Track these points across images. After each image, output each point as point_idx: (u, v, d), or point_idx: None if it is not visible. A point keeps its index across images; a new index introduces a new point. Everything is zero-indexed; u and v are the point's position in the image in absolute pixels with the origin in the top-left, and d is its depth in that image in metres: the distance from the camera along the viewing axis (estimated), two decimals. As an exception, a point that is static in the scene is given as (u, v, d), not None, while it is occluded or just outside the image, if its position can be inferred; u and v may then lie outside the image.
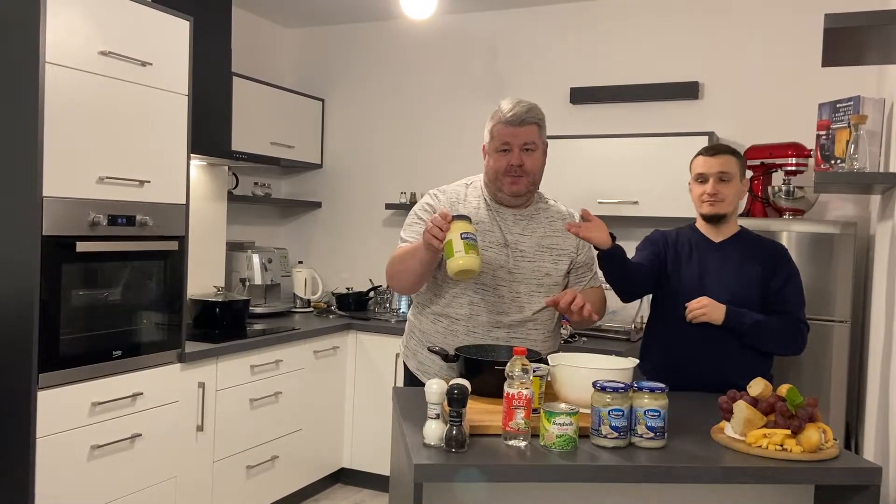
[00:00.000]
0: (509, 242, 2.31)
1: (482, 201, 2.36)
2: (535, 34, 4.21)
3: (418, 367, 2.40)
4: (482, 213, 2.33)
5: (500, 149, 2.26)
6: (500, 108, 2.30)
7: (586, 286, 2.41)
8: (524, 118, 2.25)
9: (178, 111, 2.96)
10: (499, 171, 2.27)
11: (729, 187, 2.34)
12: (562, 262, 2.36)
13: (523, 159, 2.25)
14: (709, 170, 2.34)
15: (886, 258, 2.51)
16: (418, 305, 2.45)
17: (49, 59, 2.44)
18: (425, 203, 2.40)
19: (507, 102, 2.30)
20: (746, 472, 1.62)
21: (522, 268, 2.30)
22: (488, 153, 2.32)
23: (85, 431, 2.61)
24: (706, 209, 2.37)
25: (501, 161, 2.26)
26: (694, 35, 3.85)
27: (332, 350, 3.95)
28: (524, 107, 2.27)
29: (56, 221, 2.49)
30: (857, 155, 2.23)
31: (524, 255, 2.31)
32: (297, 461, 3.75)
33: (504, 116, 2.26)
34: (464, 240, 1.94)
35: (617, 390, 1.68)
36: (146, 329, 2.86)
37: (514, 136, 2.25)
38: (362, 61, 4.67)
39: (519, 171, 2.26)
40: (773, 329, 2.28)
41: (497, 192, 2.32)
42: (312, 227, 4.83)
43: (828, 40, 1.84)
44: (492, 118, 2.32)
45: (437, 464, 1.57)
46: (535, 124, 2.28)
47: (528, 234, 2.33)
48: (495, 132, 2.28)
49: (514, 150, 2.25)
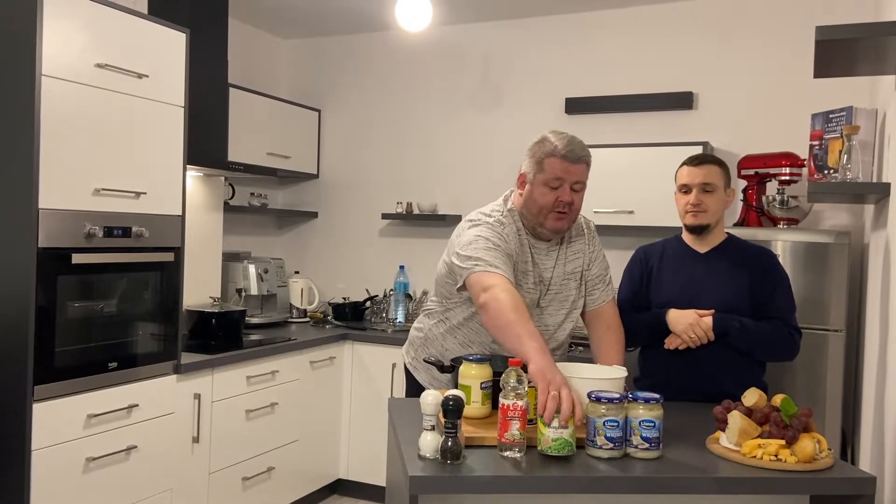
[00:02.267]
0: (543, 279, 2.27)
1: (517, 232, 2.26)
2: (530, 45, 4.23)
3: (431, 383, 2.37)
4: (520, 247, 2.25)
5: (551, 184, 2.17)
6: (549, 140, 2.20)
7: (596, 302, 2.36)
8: (580, 156, 2.18)
9: (174, 123, 2.96)
10: (545, 206, 2.18)
11: (712, 198, 2.34)
12: (580, 285, 2.35)
13: (573, 197, 2.19)
14: (692, 180, 2.35)
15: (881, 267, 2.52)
16: (443, 322, 2.38)
17: (45, 71, 2.44)
18: (493, 231, 2.19)
19: (559, 137, 2.19)
20: (741, 483, 1.62)
21: (551, 301, 2.29)
22: (533, 185, 2.20)
23: (80, 444, 2.60)
24: (689, 220, 2.37)
25: (550, 196, 2.17)
26: (688, 46, 3.87)
27: (329, 360, 3.95)
28: (579, 144, 2.19)
29: (52, 233, 2.49)
30: (849, 165, 2.24)
31: (552, 290, 2.29)
32: (294, 472, 3.74)
33: (560, 151, 2.16)
34: (483, 390, 1.90)
35: (612, 401, 1.68)
36: (142, 340, 2.86)
37: (568, 173, 2.17)
38: (358, 72, 4.69)
39: (567, 209, 2.19)
40: (762, 333, 2.28)
41: (537, 227, 2.23)
42: (309, 238, 4.83)
43: (820, 52, 1.85)
44: (541, 149, 2.20)
45: (433, 475, 1.56)
46: (587, 164, 2.21)
47: (556, 264, 2.30)
48: (548, 166, 2.17)
49: (565, 187, 2.17)
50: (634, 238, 3.40)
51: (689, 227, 2.40)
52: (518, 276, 2.20)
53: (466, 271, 2.10)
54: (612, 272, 2.46)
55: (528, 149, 2.26)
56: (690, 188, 2.35)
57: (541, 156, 2.19)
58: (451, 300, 2.34)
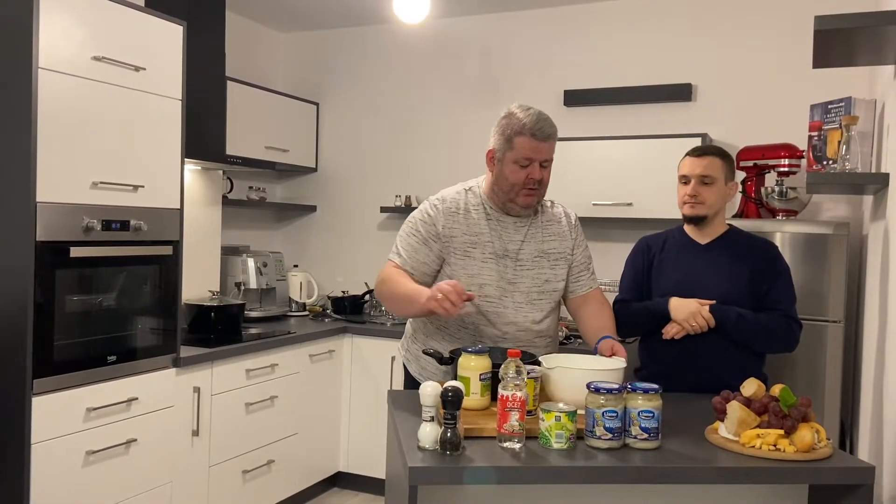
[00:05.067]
0: (509, 252, 2.28)
1: (482, 210, 2.31)
2: (528, 37, 4.22)
3: (420, 372, 2.39)
4: (482, 223, 2.29)
5: (521, 163, 2.18)
6: (516, 116, 2.18)
7: (584, 288, 2.39)
8: (549, 133, 2.18)
9: (171, 116, 2.96)
10: (517, 183, 2.20)
11: (710, 190, 2.34)
12: (559, 267, 2.34)
13: (542, 174, 2.22)
14: (691, 171, 2.35)
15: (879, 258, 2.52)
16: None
17: (42, 64, 2.44)
18: (425, 213, 2.31)
19: (527, 114, 2.18)
20: (740, 473, 1.62)
21: (522, 276, 2.29)
22: (503, 163, 2.21)
23: (80, 437, 2.60)
24: (686, 210, 2.38)
25: (520, 174, 2.19)
26: (687, 37, 3.86)
27: (328, 354, 3.95)
28: (547, 121, 2.19)
29: (50, 227, 2.49)
30: (848, 156, 2.24)
31: (523, 264, 2.29)
32: (294, 465, 3.75)
33: (529, 129, 2.16)
34: (482, 381, 1.92)
35: (611, 392, 1.68)
36: (141, 334, 2.86)
37: (538, 152, 2.18)
38: (356, 65, 4.68)
39: (537, 186, 2.22)
40: (760, 323, 2.28)
41: (507, 203, 2.25)
42: (307, 231, 4.83)
43: (818, 42, 1.85)
44: (509, 126, 2.19)
45: (432, 466, 1.57)
46: (555, 140, 2.23)
47: (528, 241, 2.31)
48: (518, 144, 2.17)
49: (535, 165, 2.18)
50: (633, 230, 3.39)
51: (686, 218, 2.41)
52: (466, 246, 2.25)
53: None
54: (611, 264, 2.46)
55: (497, 123, 2.25)
56: (689, 179, 2.35)
57: (510, 133, 2.19)
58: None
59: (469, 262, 2.25)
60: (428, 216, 2.31)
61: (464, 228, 2.28)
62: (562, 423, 1.65)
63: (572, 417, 1.66)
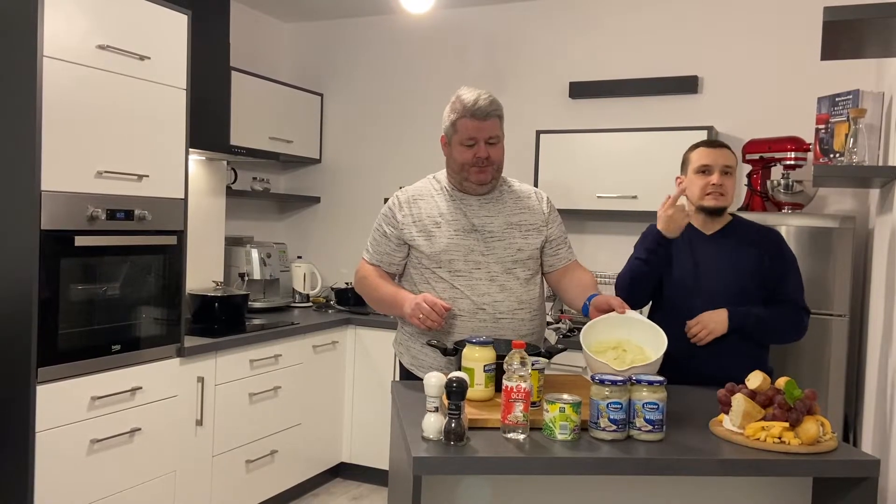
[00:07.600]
0: (477, 226, 2.33)
1: (444, 193, 2.38)
2: (534, 28, 4.20)
3: (412, 363, 2.40)
4: (443, 204, 2.35)
5: (466, 143, 2.27)
6: (461, 98, 2.28)
7: (563, 261, 2.43)
8: (489, 112, 2.26)
9: (176, 105, 2.95)
10: (466, 162, 2.29)
11: (731, 180, 2.36)
12: (532, 237, 2.37)
13: (489, 151, 2.28)
14: (714, 161, 2.34)
15: (885, 252, 2.51)
16: None
17: (47, 52, 2.43)
18: (386, 208, 2.42)
19: (469, 93, 2.28)
20: (745, 465, 1.62)
21: (494, 247, 2.32)
22: (451, 145, 2.32)
23: (84, 426, 2.61)
24: (709, 201, 2.34)
25: (467, 154, 2.28)
26: (693, 29, 3.84)
27: (332, 345, 3.95)
28: (486, 100, 2.26)
29: (54, 216, 2.49)
30: (855, 148, 2.23)
31: (493, 235, 2.33)
32: (297, 456, 3.76)
33: (469, 110, 2.25)
34: (486, 372, 1.92)
35: (615, 383, 1.68)
36: (145, 324, 2.86)
37: (479, 131, 2.26)
38: (361, 56, 4.66)
39: (486, 163, 2.28)
40: (777, 320, 2.29)
41: (463, 182, 2.33)
42: (311, 222, 4.83)
43: (827, 34, 1.83)
44: (453, 110, 2.30)
45: (436, 457, 1.57)
46: (498, 117, 2.30)
47: (496, 215, 2.36)
48: (461, 127, 2.27)
49: (479, 144, 2.27)
50: (638, 223, 3.38)
51: (709, 209, 2.37)
52: (429, 227, 2.33)
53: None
54: (617, 256, 2.46)
55: (446, 109, 2.35)
56: (712, 169, 2.34)
57: (454, 117, 2.30)
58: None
59: (433, 240, 2.31)
60: (389, 210, 2.41)
61: (427, 211, 2.35)
62: (566, 415, 1.66)
63: (576, 408, 1.66)
